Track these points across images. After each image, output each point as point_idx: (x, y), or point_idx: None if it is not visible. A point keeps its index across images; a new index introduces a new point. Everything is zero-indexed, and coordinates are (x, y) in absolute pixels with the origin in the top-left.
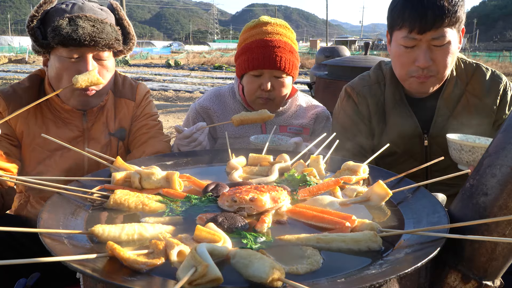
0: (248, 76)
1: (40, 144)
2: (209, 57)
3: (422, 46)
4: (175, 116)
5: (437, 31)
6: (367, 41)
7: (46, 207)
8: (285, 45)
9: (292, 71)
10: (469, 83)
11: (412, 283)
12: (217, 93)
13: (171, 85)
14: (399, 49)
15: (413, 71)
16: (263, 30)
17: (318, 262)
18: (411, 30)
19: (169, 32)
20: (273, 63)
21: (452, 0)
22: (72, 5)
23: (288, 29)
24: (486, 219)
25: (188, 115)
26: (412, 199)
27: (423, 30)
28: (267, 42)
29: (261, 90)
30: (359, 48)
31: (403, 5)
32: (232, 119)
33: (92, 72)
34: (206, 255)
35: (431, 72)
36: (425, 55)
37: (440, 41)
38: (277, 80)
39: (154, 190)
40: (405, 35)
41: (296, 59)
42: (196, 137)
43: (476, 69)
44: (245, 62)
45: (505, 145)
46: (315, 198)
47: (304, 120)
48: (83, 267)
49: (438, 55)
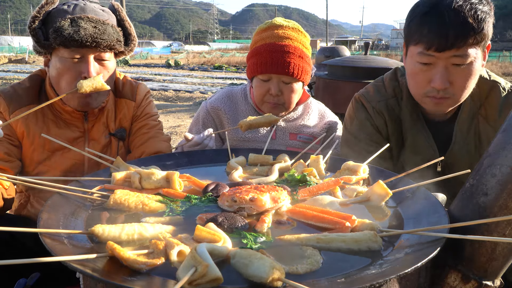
0: (257, 79)
1: (41, 144)
2: (209, 57)
3: (439, 65)
4: (175, 116)
5: (458, 50)
6: (367, 41)
7: (46, 207)
8: (295, 50)
9: (302, 76)
10: (482, 106)
11: (412, 283)
12: (229, 94)
13: (171, 85)
14: (414, 66)
15: (429, 92)
16: (274, 33)
17: (318, 262)
18: (429, 48)
19: (169, 32)
20: (281, 68)
21: (478, 16)
22: (74, 6)
23: (300, 33)
24: (486, 219)
25: (198, 113)
26: (412, 199)
27: (442, 48)
28: (276, 46)
29: (269, 94)
30: (359, 48)
31: (421, 19)
32: (240, 124)
33: (96, 78)
34: (206, 255)
35: (447, 94)
36: (442, 76)
37: (460, 60)
38: (286, 86)
39: (154, 190)
40: (421, 50)
41: (307, 64)
42: (206, 143)
43: (492, 88)
44: (254, 65)
45: (505, 145)
46: (315, 198)
47: (315, 130)
48: (83, 267)
49: (457, 77)
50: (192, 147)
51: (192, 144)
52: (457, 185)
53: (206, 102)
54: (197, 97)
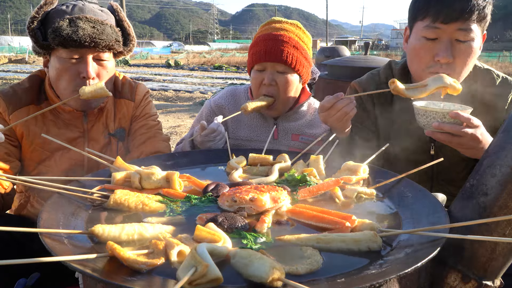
0: (253, 71)
1: (40, 144)
2: (209, 57)
3: (444, 39)
4: (175, 116)
5: (464, 23)
6: (367, 41)
7: (46, 207)
8: (289, 40)
9: (297, 66)
10: (477, 90)
11: (412, 283)
12: (233, 92)
13: (171, 85)
14: (419, 41)
15: (431, 67)
16: (271, 26)
17: (318, 262)
18: (436, 19)
19: (169, 32)
20: (274, 55)
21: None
22: (72, 6)
23: (299, 28)
24: (486, 219)
25: (202, 111)
26: (412, 199)
27: (449, 19)
28: (270, 36)
29: (263, 84)
30: (359, 48)
31: None
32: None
33: (99, 84)
34: (206, 255)
35: (449, 69)
36: (447, 49)
37: (464, 35)
38: (281, 76)
39: (154, 190)
40: (428, 24)
41: (302, 56)
42: (220, 130)
43: (487, 75)
44: (250, 57)
45: (505, 145)
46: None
47: (318, 130)
48: (83, 267)
49: (460, 53)
50: (209, 135)
51: (209, 132)
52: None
53: (209, 100)
54: (197, 97)
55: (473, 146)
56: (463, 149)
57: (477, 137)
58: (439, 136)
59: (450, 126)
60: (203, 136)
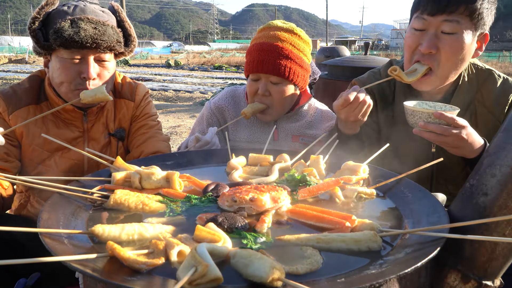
0: (249, 79)
1: (40, 144)
2: (209, 57)
3: (430, 31)
4: (175, 116)
5: (450, 15)
6: (367, 41)
7: (46, 207)
8: (282, 51)
9: (290, 76)
10: (478, 91)
11: (412, 283)
12: (233, 93)
13: (171, 85)
14: (409, 32)
15: (416, 55)
16: (267, 34)
17: (318, 262)
18: (424, 10)
19: (169, 32)
20: (266, 67)
21: None
22: (74, 7)
23: (296, 35)
24: (486, 219)
25: (203, 113)
26: (412, 199)
27: (435, 11)
28: (264, 45)
29: (257, 94)
30: (359, 48)
31: None
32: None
33: (100, 88)
34: (206, 255)
35: (432, 60)
36: (430, 39)
37: (450, 27)
38: (274, 86)
39: (154, 190)
40: (417, 15)
41: (297, 65)
42: (214, 141)
43: (488, 76)
44: (246, 64)
45: (505, 145)
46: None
47: (318, 131)
48: (83, 267)
49: (444, 44)
50: (202, 146)
51: (203, 144)
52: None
53: (209, 102)
54: (197, 97)
55: (458, 145)
56: (449, 147)
57: (462, 137)
58: (426, 135)
59: (435, 126)
60: (197, 148)
